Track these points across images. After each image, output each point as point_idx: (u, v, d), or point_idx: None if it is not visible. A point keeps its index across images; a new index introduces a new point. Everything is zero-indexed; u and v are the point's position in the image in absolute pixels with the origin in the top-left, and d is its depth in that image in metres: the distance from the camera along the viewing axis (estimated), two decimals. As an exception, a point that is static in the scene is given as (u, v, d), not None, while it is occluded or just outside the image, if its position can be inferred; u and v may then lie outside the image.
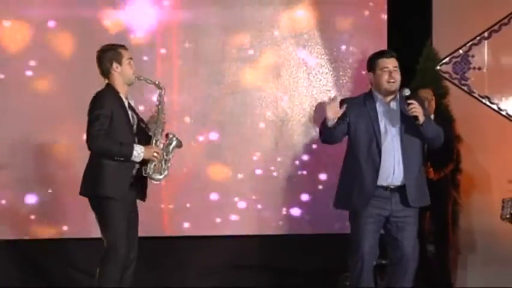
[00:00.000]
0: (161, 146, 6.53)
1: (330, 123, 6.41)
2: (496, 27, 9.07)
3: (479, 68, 9.11)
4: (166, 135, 6.58)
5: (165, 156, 6.52)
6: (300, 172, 9.02)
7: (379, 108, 6.54)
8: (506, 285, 6.00)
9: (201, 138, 8.83)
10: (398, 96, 6.54)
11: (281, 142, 8.98)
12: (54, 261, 8.50)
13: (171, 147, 6.56)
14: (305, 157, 9.01)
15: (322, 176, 9.01)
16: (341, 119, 6.56)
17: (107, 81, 6.50)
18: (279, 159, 8.98)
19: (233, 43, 8.92)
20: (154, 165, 6.45)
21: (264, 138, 8.98)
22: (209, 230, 8.84)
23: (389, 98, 6.56)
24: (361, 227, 6.52)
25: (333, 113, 6.39)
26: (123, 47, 6.57)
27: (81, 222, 8.10)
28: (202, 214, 8.83)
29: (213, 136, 8.87)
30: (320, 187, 9.00)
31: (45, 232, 8.47)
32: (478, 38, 9.09)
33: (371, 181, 6.45)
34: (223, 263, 8.83)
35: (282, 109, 8.97)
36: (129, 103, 6.54)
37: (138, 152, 6.33)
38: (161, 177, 6.50)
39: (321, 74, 8.99)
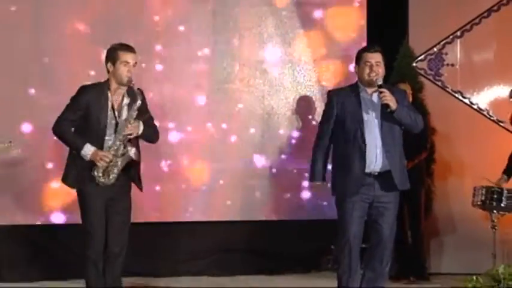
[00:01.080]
0: (117, 151, 6.23)
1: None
2: (467, 27, 9.05)
3: (452, 65, 9.09)
4: (125, 145, 6.26)
5: (115, 163, 6.23)
6: (284, 162, 9.00)
7: (363, 98, 6.52)
8: (479, 268, 6.03)
9: (189, 129, 8.78)
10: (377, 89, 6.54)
11: (267, 134, 8.97)
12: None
13: (124, 156, 6.24)
14: (290, 148, 9.00)
15: (305, 165, 8.95)
16: (330, 117, 6.59)
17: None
18: (265, 149, 8.96)
19: (223, 41, 8.88)
20: (102, 168, 6.18)
21: (251, 130, 8.94)
22: (197, 216, 8.80)
23: (371, 89, 6.53)
24: (348, 213, 6.48)
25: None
26: (124, 48, 6.34)
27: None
28: (191, 201, 8.79)
29: (204, 127, 8.83)
30: (303, 176, 8.91)
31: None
32: (451, 37, 9.07)
33: (360, 168, 6.43)
34: (211, 247, 8.81)
35: (268, 103, 8.94)
36: (123, 100, 6.32)
37: (86, 151, 6.15)
38: (104, 180, 6.20)
39: (305, 70, 9.00)
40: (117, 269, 6.35)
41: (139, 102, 6.26)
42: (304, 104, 8.93)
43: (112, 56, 6.29)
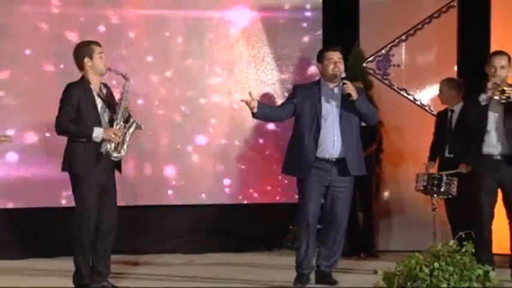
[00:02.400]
0: (122, 128, 6.34)
1: (254, 113, 6.60)
2: (411, 32, 9.06)
3: (398, 65, 9.10)
4: (127, 120, 6.41)
5: (125, 138, 6.34)
6: (248, 150, 9.03)
7: (323, 92, 6.63)
8: (421, 246, 6.11)
9: (169, 122, 8.83)
10: (340, 83, 6.63)
11: (233, 126, 8.99)
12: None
13: (131, 130, 6.38)
14: (253, 138, 9.04)
15: (266, 152, 9.05)
16: (285, 103, 6.77)
17: (81, 73, 6.40)
18: (231, 140, 8.99)
19: (195, 43, 8.89)
20: (113, 144, 6.27)
21: (219, 123, 8.98)
22: (171, 200, 8.85)
23: (333, 84, 6.66)
24: (307, 193, 6.60)
25: (252, 106, 6.55)
26: (95, 43, 6.43)
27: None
28: (166, 187, 8.84)
29: (179, 118, 8.87)
30: (265, 163, 9.02)
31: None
32: (397, 40, 9.07)
33: (311, 152, 6.54)
34: (184, 228, 8.84)
35: (234, 99, 8.92)
36: (102, 91, 6.40)
37: (97, 133, 6.19)
38: (119, 155, 6.31)
39: (267, 70, 9.03)
40: (107, 246, 6.41)
41: (128, 83, 6.39)
42: (266, 100, 8.93)
43: (87, 51, 6.33)
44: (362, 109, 6.60)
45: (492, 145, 6.84)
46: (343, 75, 6.62)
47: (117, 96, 6.50)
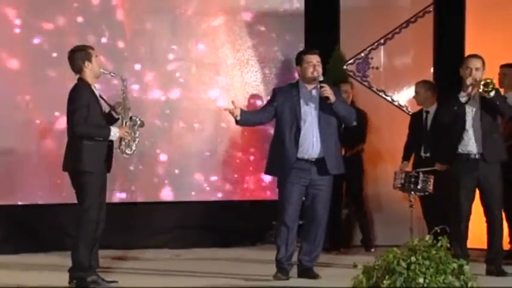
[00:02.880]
0: (130, 126, 6.49)
1: (237, 120, 6.65)
2: (389, 36, 9.11)
3: (377, 68, 9.14)
4: (131, 118, 6.52)
5: (133, 135, 6.50)
6: (233, 150, 9.05)
7: (302, 94, 6.63)
8: (399, 241, 6.14)
9: (158, 122, 8.84)
10: (318, 86, 6.64)
11: (220, 126, 8.98)
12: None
13: (136, 127, 6.52)
14: (238, 138, 9.05)
15: (251, 152, 9.07)
16: (266, 106, 6.78)
17: (78, 76, 6.42)
18: (218, 139, 9.02)
19: (183, 47, 8.92)
20: (126, 142, 6.44)
21: (206, 123, 8.99)
22: (162, 197, 8.86)
23: (311, 86, 6.66)
24: (287, 192, 6.62)
25: (235, 113, 6.59)
26: (90, 47, 6.51)
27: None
28: (155, 184, 8.85)
29: (168, 117, 8.89)
30: (250, 162, 9.06)
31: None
32: (376, 44, 9.12)
33: (292, 154, 6.54)
34: (171, 224, 8.85)
35: (221, 99, 8.97)
36: (99, 93, 6.49)
37: (114, 132, 6.33)
38: (131, 152, 6.51)
39: (252, 72, 9.04)
40: (97, 241, 6.49)
41: (126, 83, 6.52)
42: (252, 101, 9.03)
43: (86, 55, 6.38)
44: (340, 111, 6.62)
45: (470, 144, 6.85)
46: (321, 78, 6.63)
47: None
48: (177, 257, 8.21)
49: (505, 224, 7.53)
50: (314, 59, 6.66)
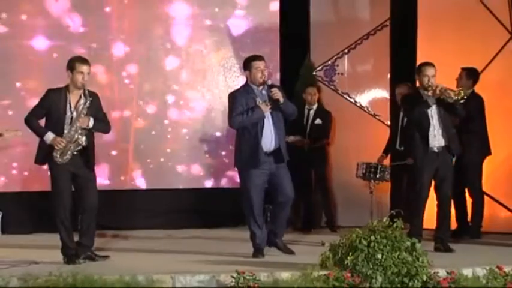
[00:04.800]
0: (70, 139, 6.17)
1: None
2: (353, 46, 9.13)
3: (342, 74, 9.15)
4: (76, 139, 6.20)
5: (69, 148, 6.16)
6: (219, 145, 9.02)
7: (258, 95, 6.53)
8: (361, 222, 6.15)
9: (154, 122, 8.85)
10: (266, 86, 6.55)
11: (207, 125, 8.99)
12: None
13: (75, 143, 6.19)
14: (223, 135, 9.01)
15: (231, 147, 9.00)
16: (238, 109, 6.52)
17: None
18: (205, 137, 9.00)
19: (176, 54, 8.90)
20: (59, 150, 6.14)
21: (194, 121, 8.98)
22: (157, 184, 8.85)
23: (261, 88, 6.57)
24: (252, 182, 6.49)
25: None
26: (80, 60, 6.28)
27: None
28: (152, 173, 8.83)
29: (161, 117, 8.88)
30: (231, 155, 8.99)
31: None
32: (341, 53, 9.14)
33: (260, 148, 6.45)
34: (166, 208, 8.82)
35: (207, 101, 8.97)
36: (80, 102, 6.21)
37: (48, 137, 6.14)
38: (60, 160, 6.15)
39: (235, 77, 8.98)
40: (90, 222, 6.34)
41: (87, 102, 6.18)
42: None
43: (71, 66, 6.22)
44: (287, 109, 6.54)
45: (436, 139, 6.84)
46: (270, 82, 6.58)
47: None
48: (169, 237, 8.17)
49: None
50: (261, 65, 6.53)
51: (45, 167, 6.40)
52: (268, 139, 6.49)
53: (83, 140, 6.22)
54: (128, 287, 5.02)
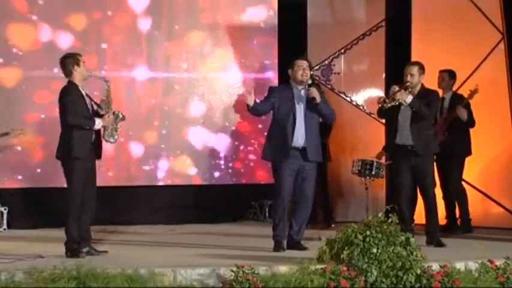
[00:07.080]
0: (113, 118, 6.39)
1: (250, 106, 6.49)
2: (349, 46, 9.15)
3: (338, 73, 9.17)
4: (114, 112, 6.41)
5: (114, 125, 6.39)
6: (221, 139, 9.00)
7: (295, 94, 6.56)
8: (357, 218, 6.14)
9: (156, 122, 8.83)
10: (306, 87, 6.57)
11: (207, 121, 8.98)
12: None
13: (118, 119, 6.40)
14: (224, 130, 9.03)
15: (237, 142, 9.05)
16: (265, 101, 6.63)
17: (68, 78, 6.34)
18: (206, 131, 8.98)
19: (179, 57, 8.90)
20: (108, 131, 6.32)
21: (194, 119, 8.98)
22: (157, 180, 8.84)
23: (301, 87, 6.58)
24: (283, 176, 6.50)
25: (249, 101, 6.47)
26: (79, 54, 6.43)
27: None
28: (152, 169, 8.81)
29: (167, 113, 8.86)
30: (233, 151, 9.03)
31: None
32: (337, 53, 9.16)
33: (288, 142, 6.47)
34: (167, 204, 8.82)
35: (208, 100, 8.97)
36: (85, 92, 6.39)
37: (98, 122, 6.25)
38: (113, 140, 6.39)
39: (234, 76, 9.03)
40: (89, 217, 6.38)
41: (109, 84, 6.42)
42: (233, 98, 9.05)
43: (75, 61, 6.32)
44: (322, 110, 6.57)
45: (405, 137, 6.83)
46: (310, 81, 6.58)
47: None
48: (172, 231, 8.16)
49: (443, 202, 7.63)
50: (304, 64, 6.58)
51: (54, 164, 6.42)
52: (299, 136, 6.49)
53: (119, 113, 6.42)
54: (131, 279, 5.03)
